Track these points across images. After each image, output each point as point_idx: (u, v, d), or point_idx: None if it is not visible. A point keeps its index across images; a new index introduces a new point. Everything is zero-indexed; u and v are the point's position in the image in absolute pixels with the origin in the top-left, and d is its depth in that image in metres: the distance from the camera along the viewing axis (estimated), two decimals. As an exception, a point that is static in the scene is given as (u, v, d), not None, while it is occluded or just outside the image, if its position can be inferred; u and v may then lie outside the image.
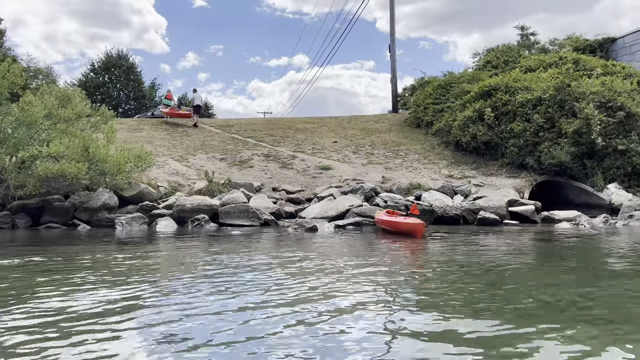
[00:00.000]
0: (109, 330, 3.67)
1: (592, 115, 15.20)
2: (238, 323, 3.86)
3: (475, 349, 3.25)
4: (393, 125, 24.48)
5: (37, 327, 3.76)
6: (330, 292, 4.91)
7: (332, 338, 3.51)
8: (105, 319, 3.96)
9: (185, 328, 3.71)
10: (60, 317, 4.01)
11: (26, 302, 4.53)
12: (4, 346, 3.33)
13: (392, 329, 3.74)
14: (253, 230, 11.47)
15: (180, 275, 6.00)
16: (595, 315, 4.12)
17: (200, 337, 3.50)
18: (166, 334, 3.58)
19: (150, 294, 4.85)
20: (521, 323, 3.82)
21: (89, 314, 4.12)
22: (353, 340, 3.46)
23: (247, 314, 4.10)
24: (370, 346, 3.33)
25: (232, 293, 4.86)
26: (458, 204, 13.46)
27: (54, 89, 14.08)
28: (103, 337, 3.50)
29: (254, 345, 3.36)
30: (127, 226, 11.42)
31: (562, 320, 3.91)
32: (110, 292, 4.91)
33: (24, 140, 11.54)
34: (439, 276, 5.96)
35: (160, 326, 3.77)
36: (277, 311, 4.18)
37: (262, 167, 17.95)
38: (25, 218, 11.96)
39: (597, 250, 8.72)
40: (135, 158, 12.88)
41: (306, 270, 6.23)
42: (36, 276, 5.80)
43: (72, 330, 3.68)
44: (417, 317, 4.05)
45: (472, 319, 3.95)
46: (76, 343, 3.39)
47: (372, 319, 4.00)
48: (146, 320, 3.94)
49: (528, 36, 41.59)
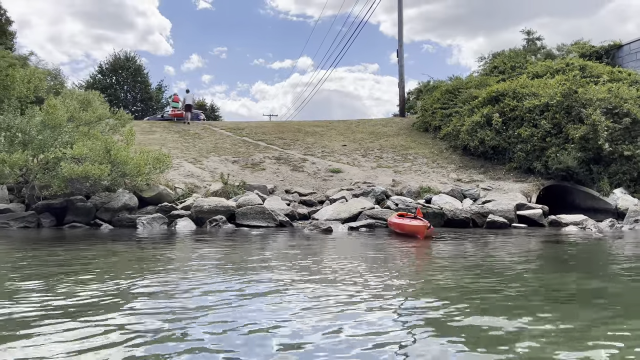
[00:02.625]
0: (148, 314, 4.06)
1: (599, 122, 15.53)
2: (276, 303, 4.23)
3: (487, 346, 3.49)
4: (401, 129, 24.85)
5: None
6: (347, 285, 5.28)
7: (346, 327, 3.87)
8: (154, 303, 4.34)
9: (222, 312, 4.08)
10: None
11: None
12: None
13: (408, 322, 4.09)
14: (269, 231, 11.85)
15: (222, 269, 6.37)
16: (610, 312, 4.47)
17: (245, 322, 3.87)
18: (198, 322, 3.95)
19: (203, 282, 5.23)
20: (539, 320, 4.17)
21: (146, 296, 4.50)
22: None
23: (299, 304, 4.47)
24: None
25: (277, 282, 5.24)
26: (467, 208, 13.80)
27: (74, 92, 14.49)
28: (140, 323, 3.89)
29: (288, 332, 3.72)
30: (148, 226, 11.81)
31: (573, 316, 4.27)
32: (184, 279, 5.32)
33: (48, 142, 11.94)
34: (454, 275, 6.32)
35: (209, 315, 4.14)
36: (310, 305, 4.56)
37: (274, 169, 18.32)
38: (50, 217, 12.37)
39: (607, 253, 9.05)
40: (154, 160, 13.25)
41: (328, 265, 6.61)
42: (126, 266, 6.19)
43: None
44: (427, 311, 4.40)
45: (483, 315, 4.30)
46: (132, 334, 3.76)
47: (383, 312, 4.36)
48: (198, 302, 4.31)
49: (534, 41, 41.97)
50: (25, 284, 5.38)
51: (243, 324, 3.89)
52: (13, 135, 12.01)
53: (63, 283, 5.45)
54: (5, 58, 12.56)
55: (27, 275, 5.96)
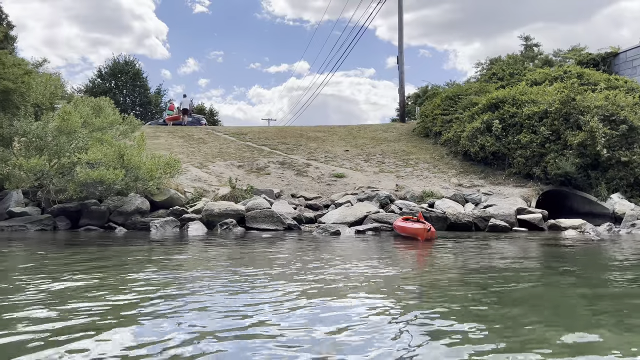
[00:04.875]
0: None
1: (597, 128, 15.98)
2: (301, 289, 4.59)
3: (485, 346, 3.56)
4: (402, 134, 25.29)
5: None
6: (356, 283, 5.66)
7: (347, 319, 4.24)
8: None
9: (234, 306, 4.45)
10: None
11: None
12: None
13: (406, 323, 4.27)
14: (279, 234, 12.22)
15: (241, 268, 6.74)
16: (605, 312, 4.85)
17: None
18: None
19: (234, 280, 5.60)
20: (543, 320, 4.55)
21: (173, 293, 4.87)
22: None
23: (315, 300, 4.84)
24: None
25: (302, 282, 5.61)
26: (470, 212, 14.20)
27: (86, 98, 14.85)
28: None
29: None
30: (162, 229, 12.17)
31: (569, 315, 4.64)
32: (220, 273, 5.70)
33: (64, 147, 12.29)
34: (460, 275, 6.70)
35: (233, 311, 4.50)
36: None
37: (279, 174, 18.69)
38: (65, 220, 12.72)
39: (607, 255, 9.45)
40: (165, 165, 13.62)
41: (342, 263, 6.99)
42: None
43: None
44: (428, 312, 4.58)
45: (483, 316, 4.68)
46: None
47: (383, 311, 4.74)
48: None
49: (532, 47, 42.64)
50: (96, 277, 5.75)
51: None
52: (29, 141, 12.35)
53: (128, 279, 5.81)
54: (20, 65, 12.84)
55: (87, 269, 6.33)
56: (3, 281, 5.80)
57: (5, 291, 5.20)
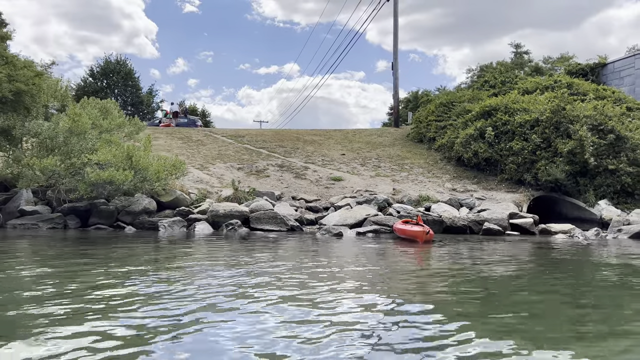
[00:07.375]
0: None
1: (586, 137, 16.66)
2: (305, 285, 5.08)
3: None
4: (396, 139, 25.86)
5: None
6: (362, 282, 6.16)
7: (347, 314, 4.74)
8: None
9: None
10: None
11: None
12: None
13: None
14: (282, 234, 12.69)
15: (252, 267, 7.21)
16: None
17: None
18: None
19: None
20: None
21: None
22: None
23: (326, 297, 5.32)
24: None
25: (311, 277, 6.09)
26: (464, 216, 14.77)
27: (94, 100, 15.20)
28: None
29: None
30: (169, 229, 12.58)
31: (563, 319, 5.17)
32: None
33: (75, 148, 12.65)
34: (457, 276, 7.23)
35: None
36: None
37: (278, 176, 19.14)
38: (75, 219, 13.07)
39: (595, 259, 10.05)
40: (171, 167, 14.02)
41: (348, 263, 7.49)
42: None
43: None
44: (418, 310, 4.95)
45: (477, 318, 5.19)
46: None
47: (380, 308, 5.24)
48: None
49: (522, 54, 43.51)
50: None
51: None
52: (41, 142, 12.70)
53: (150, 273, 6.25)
54: (30, 67, 13.18)
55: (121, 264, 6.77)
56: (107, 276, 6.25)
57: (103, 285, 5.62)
